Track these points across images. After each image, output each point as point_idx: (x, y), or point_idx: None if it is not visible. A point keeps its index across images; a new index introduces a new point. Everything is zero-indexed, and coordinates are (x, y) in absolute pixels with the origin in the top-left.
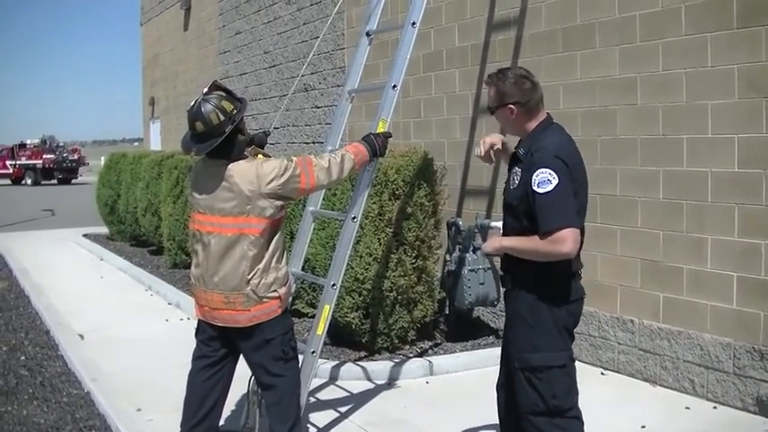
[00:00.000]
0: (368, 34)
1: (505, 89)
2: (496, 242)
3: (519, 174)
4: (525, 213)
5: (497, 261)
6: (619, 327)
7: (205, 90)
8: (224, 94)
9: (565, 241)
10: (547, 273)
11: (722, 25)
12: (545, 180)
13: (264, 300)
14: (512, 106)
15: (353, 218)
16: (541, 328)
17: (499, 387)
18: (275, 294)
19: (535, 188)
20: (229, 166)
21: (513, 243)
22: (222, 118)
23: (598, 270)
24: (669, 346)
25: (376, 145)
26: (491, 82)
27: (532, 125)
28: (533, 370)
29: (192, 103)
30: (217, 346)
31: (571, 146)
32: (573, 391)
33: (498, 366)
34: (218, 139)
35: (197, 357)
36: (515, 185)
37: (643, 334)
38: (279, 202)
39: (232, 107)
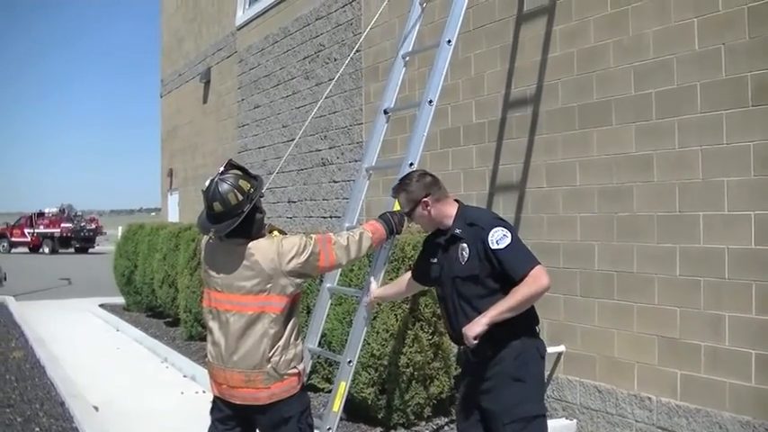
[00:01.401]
0: (385, 112)
1: (413, 189)
2: (478, 324)
3: (466, 248)
4: (491, 276)
5: None
6: (636, 404)
7: (221, 169)
8: (240, 172)
9: (541, 275)
10: (524, 325)
11: (737, 103)
12: (502, 236)
13: (285, 377)
14: (425, 199)
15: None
16: (529, 380)
17: None
18: (295, 371)
19: (496, 246)
20: (249, 245)
21: (497, 310)
22: (240, 198)
23: (615, 347)
24: (687, 424)
25: (393, 223)
26: (397, 192)
27: (451, 210)
28: (522, 420)
29: (208, 183)
30: (232, 425)
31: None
32: None
33: None
34: (238, 219)
35: None
36: (466, 259)
37: (661, 412)
38: (299, 280)
39: (249, 186)
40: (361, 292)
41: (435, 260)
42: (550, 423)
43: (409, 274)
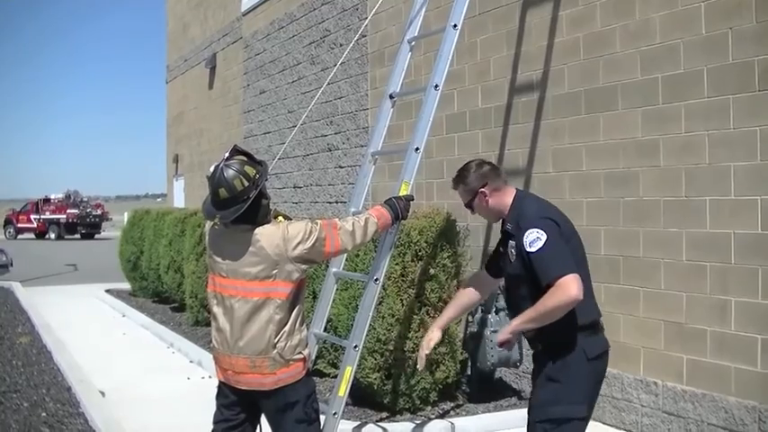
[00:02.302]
0: (391, 96)
1: (470, 180)
2: (503, 332)
3: (514, 246)
4: (532, 279)
5: None
6: (642, 389)
7: (226, 155)
8: (245, 158)
9: (569, 286)
10: (573, 323)
11: (744, 88)
12: (534, 239)
13: (291, 362)
14: (483, 190)
15: (376, 280)
16: (567, 382)
17: None
18: (300, 356)
19: (528, 249)
20: (255, 231)
21: (520, 320)
22: (246, 183)
23: (621, 332)
24: (693, 409)
25: (398, 208)
26: (456, 183)
27: (509, 199)
28: (552, 421)
29: (213, 169)
30: (238, 410)
31: (552, 208)
32: None
33: (520, 429)
34: (244, 205)
35: (218, 421)
36: (514, 257)
37: (667, 396)
38: (305, 266)
39: (255, 171)
40: (366, 277)
41: (502, 250)
42: None
43: (475, 279)
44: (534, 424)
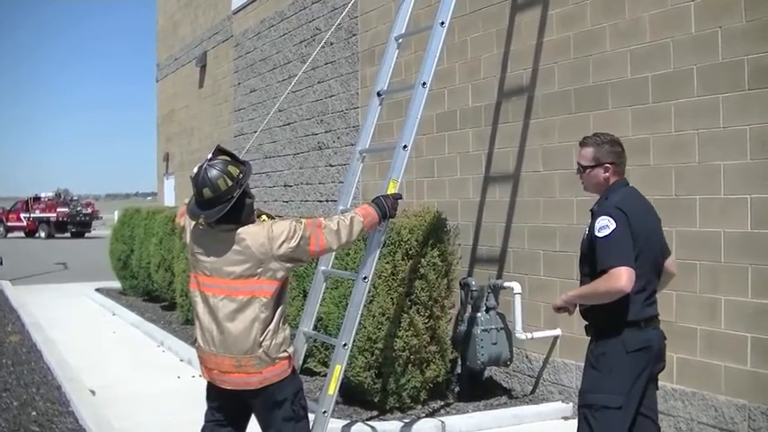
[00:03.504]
0: (379, 94)
1: (606, 150)
2: (563, 297)
3: (589, 226)
4: (593, 261)
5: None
6: None
7: (209, 156)
8: (228, 158)
9: (619, 277)
10: (615, 317)
11: (734, 86)
12: (604, 225)
13: (276, 360)
14: (608, 165)
15: (364, 278)
16: (606, 372)
17: None
18: (285, 354)
19: (596, 233)
20: (240, 230)
21: (573, 293)
22: (230, 183)
23: None
24: (683, 407)
25: (386, 207)
26: (588, 142)
27: (613, 186)
28: (590, 407)
29: (197, 170)
30: (227, 412)
31: (635, 203)
32: None
33: (510, 427)
34: (228, 204)
35: (209, 421)
36: (585, 236)
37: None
38: (289, 264)
39: (238, 171)
40: (356, 275)
41: None
42: (546, 406)
43: None
44: (579, 408)
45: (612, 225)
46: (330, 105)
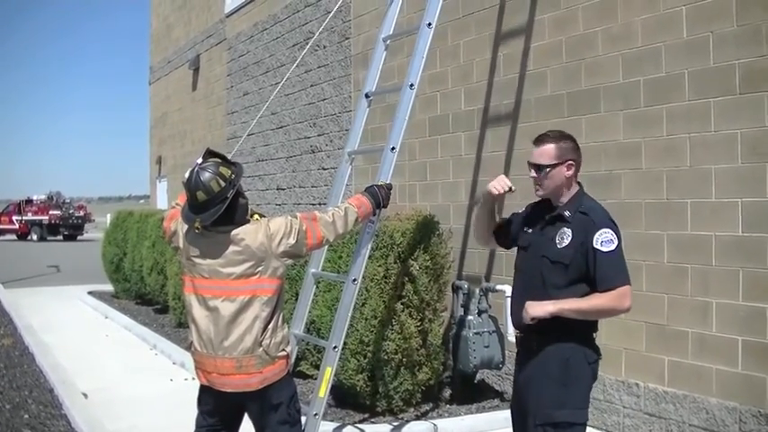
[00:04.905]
0: (367, 96)
1: (568, 146)
2: (543, 308)
3: (569, 233)
4: (578, 273)
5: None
6: (624, 390)
7: (199, 160)
8: (219, 160)
9: (627, 297)
10: (579, 329)
11: (725, 91)
12: (608, 240)
13: (276, 359)
14: (570, 162)
15: (354, 280)
16: (572, 386)
17: None
18: (284, 353)
19: (598, 247)
20: (237, 231)
21: (567, 305)
22: (223, 184)
23: (603, 333)
24: (675, 410)
25: (379, 196)
26: (552, 140)
27: (575, 189)
28: (556, 426)
29: (188, 174)
30: (219, 416)
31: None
32: None
33: (503, 430)
34: (222, 206)
35: (200, 426)
36: (565, 244)
37: (648, 398)
38: (289, 261)
39: (230, 172)
40: (345, 277)
41: (530, 231)
42: None
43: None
44: (536, 427)
45: (616, 240)
46: (323, 109)
